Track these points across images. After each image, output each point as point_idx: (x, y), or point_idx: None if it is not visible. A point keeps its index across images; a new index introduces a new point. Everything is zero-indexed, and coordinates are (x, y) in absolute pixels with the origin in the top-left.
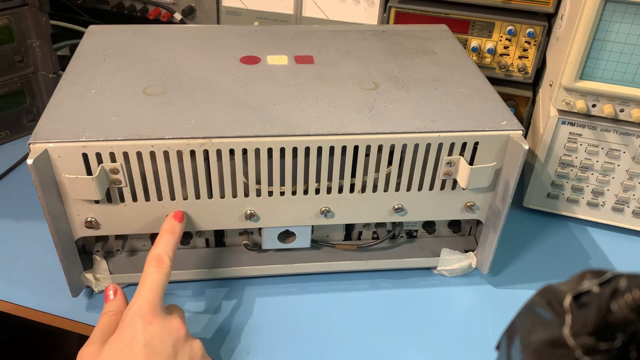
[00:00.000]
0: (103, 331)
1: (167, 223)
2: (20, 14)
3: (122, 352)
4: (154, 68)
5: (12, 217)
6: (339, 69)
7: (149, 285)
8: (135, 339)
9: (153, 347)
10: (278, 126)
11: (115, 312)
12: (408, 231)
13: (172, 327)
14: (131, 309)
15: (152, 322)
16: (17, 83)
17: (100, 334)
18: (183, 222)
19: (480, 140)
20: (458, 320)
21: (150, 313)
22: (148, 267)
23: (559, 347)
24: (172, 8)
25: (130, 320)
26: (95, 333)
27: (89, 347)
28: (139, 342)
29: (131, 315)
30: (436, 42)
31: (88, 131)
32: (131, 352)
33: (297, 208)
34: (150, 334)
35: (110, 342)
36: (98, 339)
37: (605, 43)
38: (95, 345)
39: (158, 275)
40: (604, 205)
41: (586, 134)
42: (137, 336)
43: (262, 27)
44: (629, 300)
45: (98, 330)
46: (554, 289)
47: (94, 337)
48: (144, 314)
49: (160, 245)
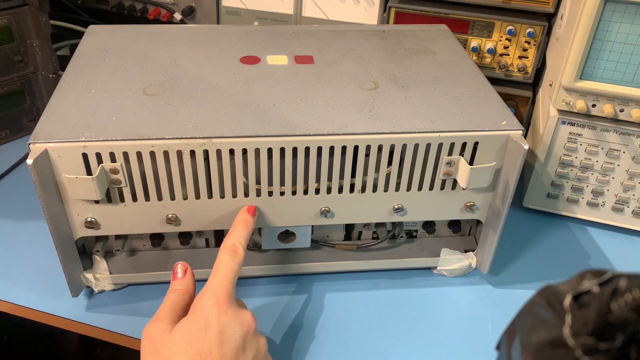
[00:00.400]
0: (172, 309)
1: (241, 215)
2: (20, 14)
3: (195, 335)
4: (154, 68)
5: (12, 217)
6: (339, 69)
7: (223, 273)
8: (210, 325)
9: (226, 336)
10: (278, 126)
11: (184, 291)
12: (408, 231)
13: (245, 319)
14: (206, 294)
15: (226, 311)
16: (17, 83)
17: (169, 311)
18: (255, 217)
19: (480, 140)
20: (458, 320)
21: (225, 301)
22: (222, 255)
23: (559, 347)
24: (172, 8)
25: (205, 305)
26: (163, 310)
27: (158, 323)
28: (213, 329)
29: (206, 300)
30: (436, 42)
31: (88, 131)
32: (204, 337)
33: (297, 208)
34: (225, 323)
35: (183, 324)
36: (167, 316)
37: (605, 43)
38: (164, 322)
39: (233, 264)
40: (603, 205)
41: (586, 134)
42: (212, 323)
43: (262, 27)
44: (629, 300)
45: (166, 308)
46: (554, 289)
47: (162, 314)
48: (219, 301)
49: (235, 235)
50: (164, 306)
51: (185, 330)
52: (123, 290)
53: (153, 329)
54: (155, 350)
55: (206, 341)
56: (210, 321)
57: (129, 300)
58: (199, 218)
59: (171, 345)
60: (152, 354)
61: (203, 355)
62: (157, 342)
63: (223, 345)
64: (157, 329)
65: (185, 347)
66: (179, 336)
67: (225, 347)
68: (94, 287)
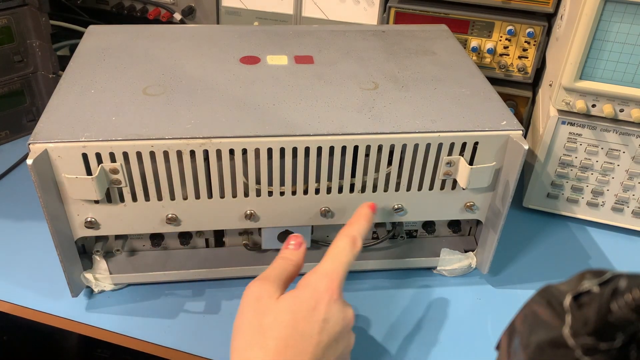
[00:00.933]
0: (280, 276)
1: (364, 210)
2: (20, 14)
3: (301, 314)
4: (153, 68)
5: (12, 217)
6: (338, 69)
7: (339, 260)
8: (318, 309)
9: (329, 325)
10: (278, 126)
11: (294, 262)
12: (408, 231)
13: (348, 313)
14: (319, 275)
15: (336, 300)
16: (16, 83)
17: (277, 276)
18: (374, 214)
19: (480, 140)
20: (458, 320)
21: (337, 290)
22: (342, 241)
23: (559, 347)
24: (172, 8)
25: (317, 287)
26: (271, 272)
27: (267, 285)
28: (320, 314)
29: (318, 282)
30: (436, 42)
31: (88, 131)
32: (309, 319)
33: (297, 208)
34: (331, 312)
35: (292, 298)
36: (275, 280)
37: (605, 43)
38: (272, 286)
39: (350, 255)
40: (603, 205)
41: (586, 134)
42: (320, 307)
43: (262, 27)
44: (629, 300)
45: (275, 271)
46: (554, 289)
47: (270, 276)
48: (332, 287)
49: (357, 227)
50: (273, 270)
51: (293, 306)
52: (123, 290)
53: (261, 289)
54: (258, 312)
55: (310, 324)
56: (319, 305)
57: (129, 300)
58: (199, 218)
59: (277, 314)
60: (254, 314)
61: (304, 336)
62: (263, 305)
63: (323, 332)
64: (266, 291)
65: (289, 322)
66: (286, 308)
67: (324, 335)
68: (93, 287)
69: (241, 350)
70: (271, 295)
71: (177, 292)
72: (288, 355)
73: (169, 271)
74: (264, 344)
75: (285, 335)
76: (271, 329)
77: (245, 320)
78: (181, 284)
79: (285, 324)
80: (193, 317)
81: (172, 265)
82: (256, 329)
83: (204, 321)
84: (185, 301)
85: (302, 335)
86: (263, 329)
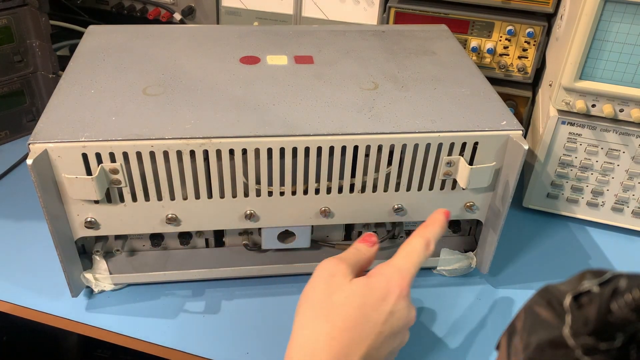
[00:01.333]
0: (356, 261)
1: (439, 215)
2: (19, 14)
3: (371, 300)
4: (153, 68)
5: (12, 217)
6: (338, 69)
7: (412, 259)
8: (387, 300)
9: (393, 318)
10: (278, 126)
11: (367, 256)
12: (408, 231)
13: (412, 313)
14: (393, 268)
15: (405, 297)
16: (16, 83)
17: (354, 260)
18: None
19: (480, 140)
20: (458, 320)
21: (407, 286)
22: (417, 241)
23: (559, 347)
24: (172, 8)
25: (390, 279)
26: (349, 257)
27: (343, 265)
28: (388, 305)
29: (391, 275)
30: (436, 42)
31: (88, 131)
32: (377, 308)
33: (297, 208)
34: (399, 306)
35: (364, 281)
36: (351, 263)
37: (605, 43)
38: (348, 267)
39: (422, 256)
40: (603, 205)
41: (586, 134)
42: (390, 299)
43: (261, 27)
44: (629, 300)
45: (353, 257)
46: (554, 289)
47: (346, 258)
48: (403, 283)
49: (432, 231)
50: (350, 254)
51: (365, 290)
52: (123, 290)
53: (337, 267)
54: (331, 288)
55: (377, 312)
56: (389, 297)
57: (129, 300)
58: (199, 218)
59: (348, 294)
60: (326, 289)
61: (369, 322)
62: (336, 283)
63: (386, 324)
64: (341, 270)
65: (359, 305)
66: (358, 291)
67: (387, 327)
68: (93, 287)
69: (307, 319)
70: (345, 275)
71: (177, 292)
72: (352, 336)
73: (169, 271)
74: (332, 319)
75: (353, 316)
76: (341, 306)
77: (317, 292)
78: (181, 284)
79: (355, 306)
80: (193, 317)
81: (172, 265)
82: (326, 303)
83: (204, 321)
84: (185, 301)
85: (368, 321)
86: (333, 305)
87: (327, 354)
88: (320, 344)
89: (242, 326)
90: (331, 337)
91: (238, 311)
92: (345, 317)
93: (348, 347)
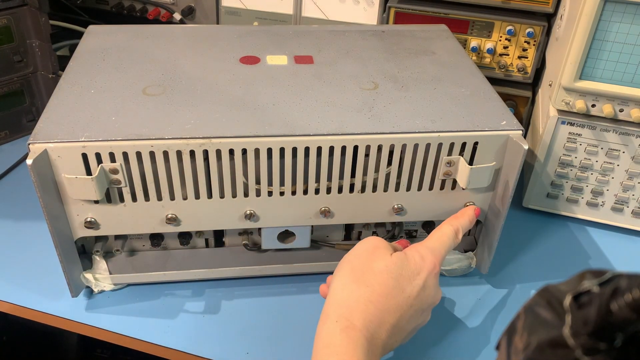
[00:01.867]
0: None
1: (469, 210)
2: (19, 14)
3: (407, 271)
4: (153, 68)
5: (11, 217)
6: (338, 69)
7: (443, 244)
8: (420, 275)
9: (424, 292)
10: (277, 126)
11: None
12: (408, 231)
13: (439, 293)
14: (427, 248)
15: (435, 275)
16: (16, 83)
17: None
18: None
19: (479, 140)
20: (458, 320)
21: (438, 266)
22: (447, 229)
23: (559, 347)
24: (172, 8)
25: (424, 256)
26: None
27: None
28: (421, 279)
29: (426, 253)
30: (436, 42)
31: (87, 131)
32: (411, 281)
33: (296, 208)
34: (430, 282)
35: (402, 255)
36: (391, 244)
37: (605, 43)
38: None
39: (451, 243)
40: (603, 205)
41: (586, 134)
42: (422, 274)
43: (261, 27)
44: (629, 300)
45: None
46: (554, 289)
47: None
48: (435, 262)
49: (462, 223)
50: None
51: (403, 263)
52: (123, 290)
53: (381, 242)
54: (374, 257)
55: (411, 285)
56: (422, 272)
57: (129, 300)
58: (198, 218)
59: (389, 264)
60: (369, 256)
61: (404, 293)
62: (379, 254)
63: (418, 297)
64: (384, 245)
65: (396, 275)
66: (397, 263)
67: (418, 300)
68: (93, 287)
69: (347, 282)
70: (387, 249)
71: (177, 292)
72: (387, 302)
73: (169, 271)
74: (371, 284)
75: (390, 284)
76: (381, 274)
77: (360, 259)
78: (181, 284)
79: (393, 275)
80: (193, 317)
81: (172, 265)
82: (368, 269)
83: (204, 321)
84: (185, 301)
85: (403, 292)
86: (374, 272)
87: (364, 315)
88: (360, 305)
89: (242, 326)
90: (369, 301)
91: (238, 311)
92: (383, 285)
93: (382, 312)
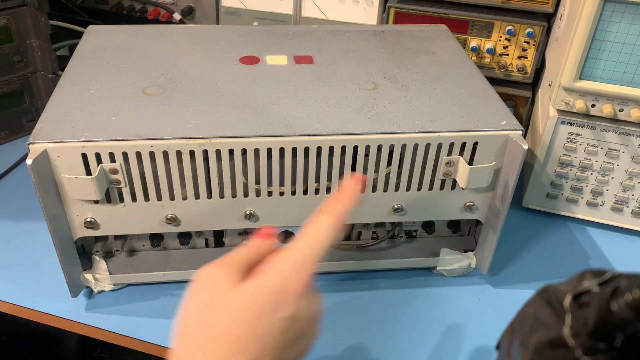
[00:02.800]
0: (246, 260)
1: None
2: (19, 14)
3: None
4: (153, 68)
5: (11, 218)
6: (338, 69)
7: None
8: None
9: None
10: (277, 126)
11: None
12: (407, 231)
13: (316, 307)
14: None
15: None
16: (16, 83)
17: (240, 261)
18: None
19: (479, 140)
20: (458, 320)
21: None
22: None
23: (559, 347)
24: (172, 8)
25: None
26: (234, 257)
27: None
28: (284, 312)
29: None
30: (435, 42)
31: (87, 131)
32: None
33: (296, 208)
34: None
35: (251, 286)
36: (236, 264)
37: (605, 43)
38: (229, 271)
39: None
40: (603, 205)
41: (585, 134)
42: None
43: (261, 27)
44: (629, 300)
45: (239, 256)
46: (554, 289)
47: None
48: (304, 278)
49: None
50: (236, 253)
51: (253, 298)
52: (123, 290)
53: (215, 276)
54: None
55: (272, 324)
56: (284, 300)
57: (129, 301)
58: (198, 218)
59: (232, 307)
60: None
61: (264, 337)
62: (216, 296)
63: (287, 332)
64: (220, 279)
65: (247, 321)
66: (244, 302)
67: (289, 334)
68: (93, 287)
69: (187, 349)
70: (227, 284)
71: (177, 292)
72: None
73: (168, 271)
74: (210, 348)
75: (243, 335)
76: (226, 327)
77: (194, 313)
78: (181, 284)
79: (243, 322)
80: None
81: (172, 265)
82: (207, 325)
83: None
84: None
85: (263, 337)
86: (212, 328)
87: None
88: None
89: None
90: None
91: None
92: (228, 341)
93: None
